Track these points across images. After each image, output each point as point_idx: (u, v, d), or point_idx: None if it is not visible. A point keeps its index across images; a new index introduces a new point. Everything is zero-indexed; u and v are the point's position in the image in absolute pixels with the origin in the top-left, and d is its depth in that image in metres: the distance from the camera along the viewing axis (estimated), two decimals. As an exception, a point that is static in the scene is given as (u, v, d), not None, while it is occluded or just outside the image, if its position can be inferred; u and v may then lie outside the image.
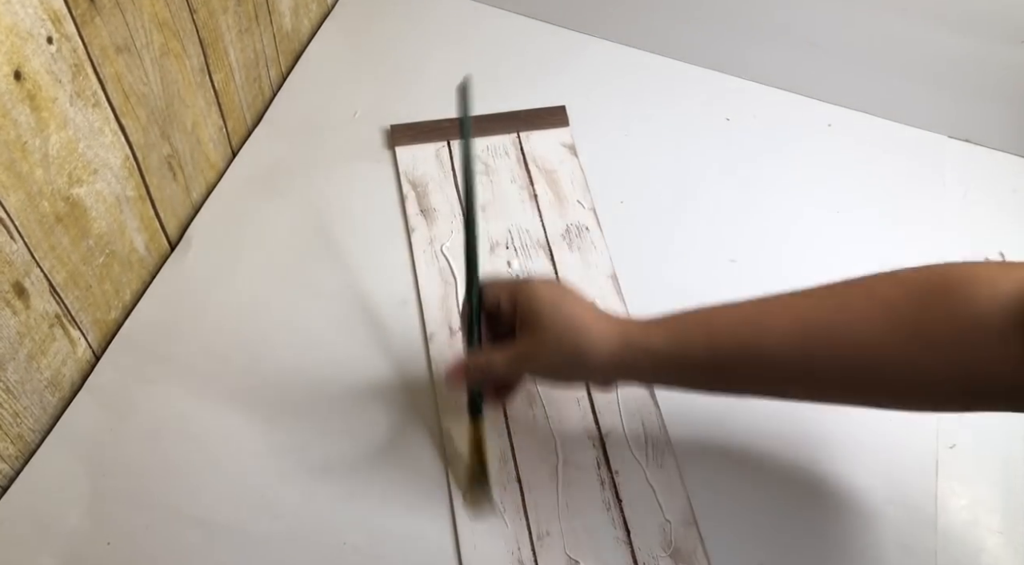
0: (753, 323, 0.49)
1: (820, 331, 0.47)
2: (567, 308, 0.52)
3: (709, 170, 0.78)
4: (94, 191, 0.60)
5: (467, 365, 0.56)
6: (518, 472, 0.60)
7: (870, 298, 0.47)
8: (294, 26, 0.84)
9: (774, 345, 0.48)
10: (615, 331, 0.51)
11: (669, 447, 0.62)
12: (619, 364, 0.51)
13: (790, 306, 0.49)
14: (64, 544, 0.57)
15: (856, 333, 0.47)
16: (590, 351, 0.51)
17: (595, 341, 0.51)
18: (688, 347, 0.50)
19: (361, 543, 0.58)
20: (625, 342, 0.51)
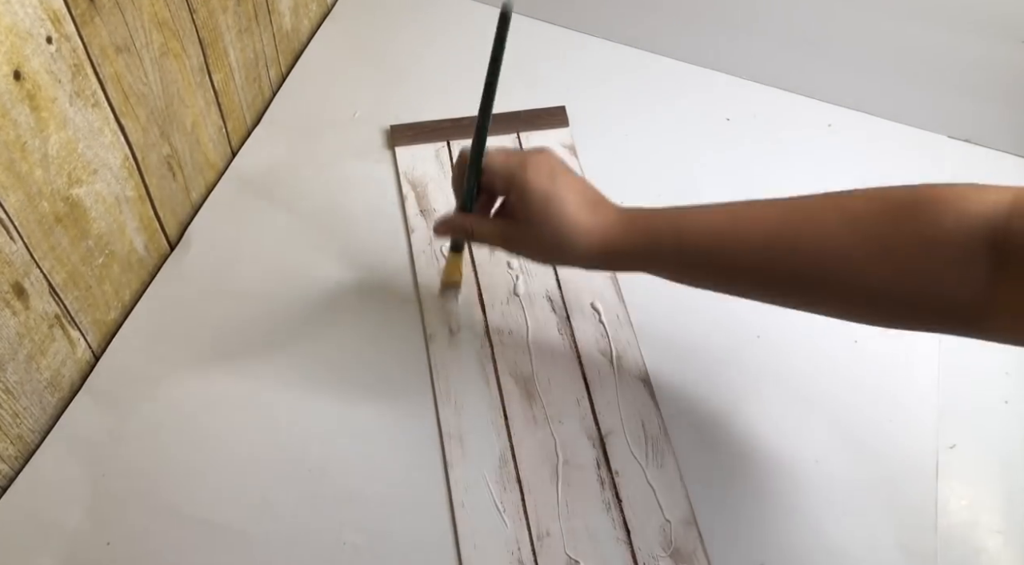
0: (720, 233, 0.51)
1: (787, 240, 0.49)
2: (555, 205, 0.54)
3: (709, 170, 0.78)
4: (94, 191, 0.60)
5: (456, 222, 0.60)
6: (518, 472, 0.60)
7: (840, 211, 0.48)
8: (294, 26, 0.84)
9: (740, 254, 0.51)
10: (596, 231, 0.54)
11: (669, 447, 0.62)
12: (598, 261, 0.55)
13: (759, 215, 0.51)
14: (64, 544, 0.57)
15: (820, 244, 0.48)
16: (571, 251, 0.54)
17: (577, 242, 0.54)
18: (662, 251, 0.53)
19: (361, 543, 0.58)
20: (603, 240, 0.54)
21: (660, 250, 0.53)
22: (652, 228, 0.54)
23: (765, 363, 0.66)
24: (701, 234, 0.52)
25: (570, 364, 0.66)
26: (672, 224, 0.53)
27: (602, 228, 0.54)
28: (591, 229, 0.54)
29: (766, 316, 0.68)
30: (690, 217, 0.53)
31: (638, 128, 0.81)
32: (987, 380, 0.66)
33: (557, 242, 0.54)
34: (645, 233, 0.54)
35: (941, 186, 0.46)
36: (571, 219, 0.54)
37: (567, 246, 0.54)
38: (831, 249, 0.47)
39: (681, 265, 0.54)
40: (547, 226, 0.54)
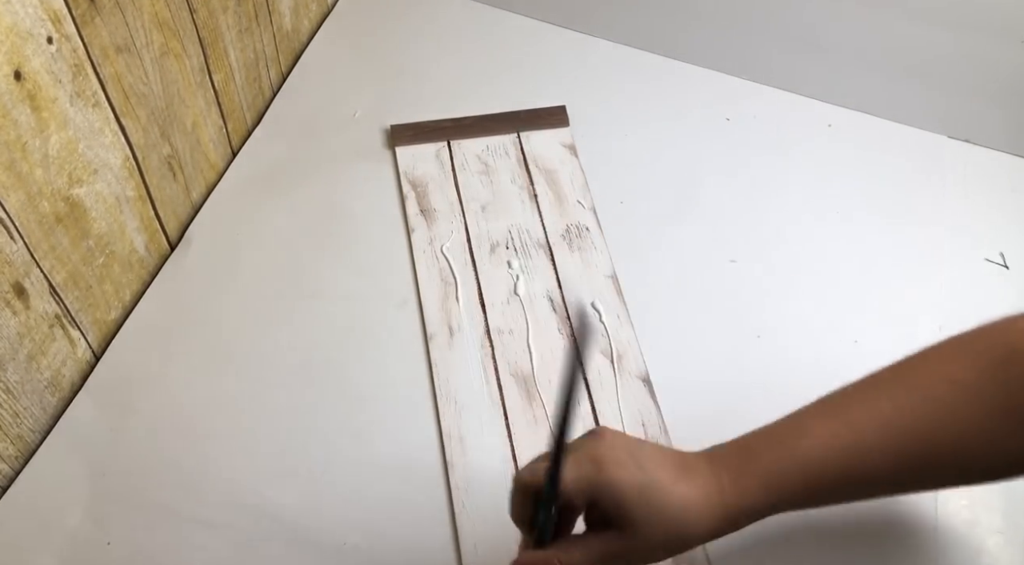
0: (847, 449, 0.46)
1: (914, 438, 0.46)
2: (656, 494, 0.45)
3: (709, 170, 0.78)
4: (94, 191, 0.60)
5: (540, 562, 0.46)
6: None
7: (952, 384, 0.46)
8: (294, 26, 0.84)
9: (873, 468, 0.47)
10: (711, 501, 0.46)
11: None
12: (721, 531, 0.47)
13: (875, 415, 0.47)
14: (64, 544, 0.57)
15: (947, 430, 0.46)
16: (692, 534, 0.46)
17: (696, 523, 0.46)
18: (787, 495, 0.47)
19: (361, 543, 0.58)
20: (724, 512, 0.46)
21: (787, 495, 0.47)
22: (767, 475, 0.47)
23: (765, 363, 0.66)
24: (827, 465, 0.46)
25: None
26: (790, 464, 0.47)
27: (716, 496, 0.46)
28: (704, 502, 0.46)
29: (766, 316, 0.69)
30: (803, 444, 0.47)
31: (638, 128, 0.81)
32: (987, 380, 0.66)
33: (676, 533, 0.45)
34: (762, 484, 0.47)
35: (1020, 324, 0.46)
36: (679, 502, 0.45)
37: (689, 532, 0.45)
38: (962, 432, 0.45)
39: (811, 501, 0.48)
40: (659, 523, 0.44)
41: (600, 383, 0.65)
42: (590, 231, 0.73)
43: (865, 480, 0.47)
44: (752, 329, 0.68)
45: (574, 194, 0.75)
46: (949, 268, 0.71)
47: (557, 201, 0.75)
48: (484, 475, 0.60)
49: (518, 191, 0.75)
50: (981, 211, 0.76)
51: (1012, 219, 0.75)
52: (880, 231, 0.74)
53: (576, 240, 0.72)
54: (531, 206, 0.75)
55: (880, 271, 0.71)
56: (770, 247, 0.73)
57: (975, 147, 0.81)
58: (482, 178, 0.76)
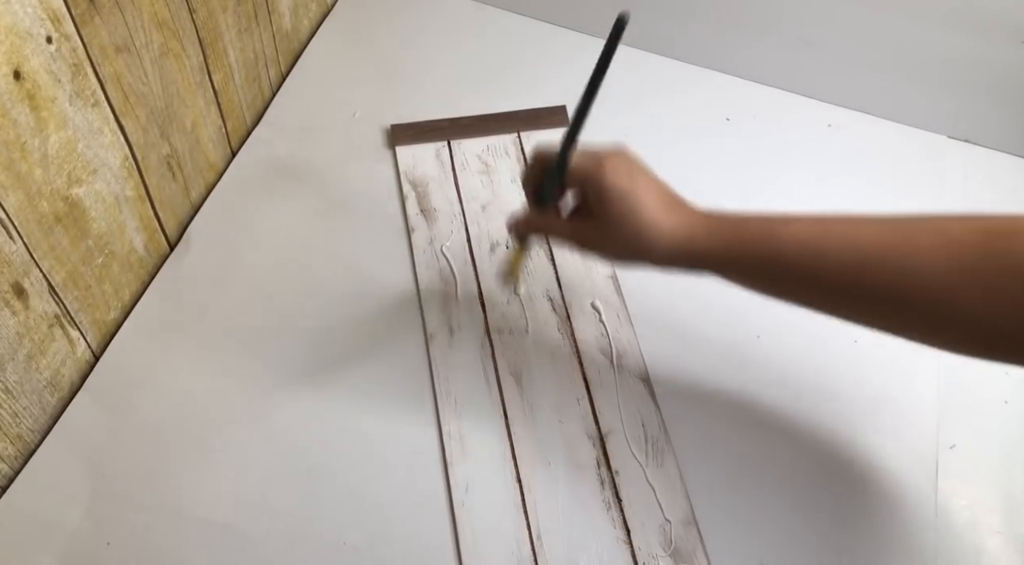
0: (816, 238, 0.50)
1: (881, 257, 0.48)
2: (634, 203, 0.53)
3: (709, 170, 0.78)
4: (93, 191, 0.60)
5: (532, 220, 0.59)
6: (518, 471, 0.60)
7: (934, 232, 0.47)
8: (294, 26, 0.84)
9: (831, 264, 0.49)
10: (679, 232, 0.53)
11: (669, 447, 0.62)
12: (677, 261, 0.53)
13: (851, 229, 0.50)
14: (63, 544, 0.57)
15: (916, 266, 0.46)
16: (651, 249, 0.53)
17: (657, 240, 0.53)
18: (747, 258, 0.52)
19: (361, 543, 0.58)
20: (686, 246, 0.53)
21: (744, 255, 0.52)
22: (738, 232, 0.52)
23: (765, 363, 0.66)
24: (789, 242, 0.50)
25: (570, 364, 0.66)
26: (759, 230, 0.52)
27: (684, 228, 0.53)
28: (673, 228, 0.53)
29: (767, 316, 0.68)
30: (778, 225, 0.52)
31: (638, 128, 0.81)
32: (987, 380, 0.66)
33: (636, 241, 0.53)
34: (731, 236, 0.52)
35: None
36: (650, 217, 0.52)
37: (647, 245, 0.53)
38: (923, 268, 0.46)
39: (765, 273, 0.52)
40: (626, 225, 0.53)
41: (600, 383, 0.65)
42: (590, 231, 0.73)
43: (823, 281, 0.50)
44: (752, 329, 0.68)
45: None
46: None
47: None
48: (483, 474, 0.60)
49: (519, 191, 0.75)
50: (981, 211, 0.76)
51: (1012, 219, 0.75)
52: (880, 231, 0.74)
53: (576, 240, 0.73)
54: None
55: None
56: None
57: (975, 147, 0.81)
58: (482, 178, 0.76)
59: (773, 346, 0.67)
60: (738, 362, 0.66)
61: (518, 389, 0.64)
